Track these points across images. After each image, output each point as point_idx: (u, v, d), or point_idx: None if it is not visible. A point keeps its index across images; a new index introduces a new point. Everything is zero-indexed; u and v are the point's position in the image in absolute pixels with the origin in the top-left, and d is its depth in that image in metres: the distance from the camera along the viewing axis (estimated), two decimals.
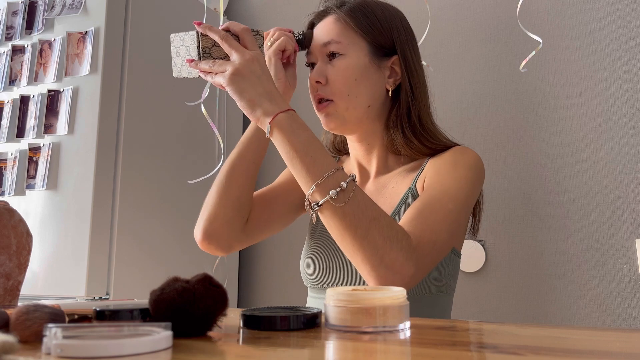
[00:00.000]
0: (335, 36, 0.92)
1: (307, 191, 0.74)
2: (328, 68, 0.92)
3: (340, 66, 0.91)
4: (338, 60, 0.91)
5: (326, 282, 0.94)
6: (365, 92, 0.91)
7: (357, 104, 0.91)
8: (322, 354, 0.42)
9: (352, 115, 0.91)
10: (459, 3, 1.76)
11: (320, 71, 0.92)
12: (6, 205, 0.76)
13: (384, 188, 0.95)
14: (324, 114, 0.92)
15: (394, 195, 0.93)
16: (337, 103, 0.91)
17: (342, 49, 0.91)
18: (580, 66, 1.55)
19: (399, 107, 0.94)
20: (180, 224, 1.75)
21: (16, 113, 1.67)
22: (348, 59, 0.91)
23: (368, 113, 0.93)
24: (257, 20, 2.24)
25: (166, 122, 1.75)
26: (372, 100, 0.93)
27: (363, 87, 0.91)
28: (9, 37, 1.77)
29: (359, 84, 0.91)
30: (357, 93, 0.91)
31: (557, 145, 1.54)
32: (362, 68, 0.91)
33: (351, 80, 0.90)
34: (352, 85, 0.90)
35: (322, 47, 0.93)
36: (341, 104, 0.90)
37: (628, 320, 1.38)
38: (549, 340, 0.44)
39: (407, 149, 0.93)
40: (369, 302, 0.48)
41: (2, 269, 0.71)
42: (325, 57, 0.93)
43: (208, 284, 0.46)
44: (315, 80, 0.91)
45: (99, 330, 0.41)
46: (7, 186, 1.61)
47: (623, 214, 1.43)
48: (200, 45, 0.83)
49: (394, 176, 0.96)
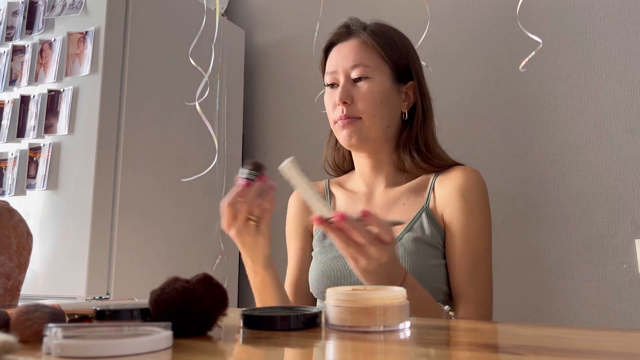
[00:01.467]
0: (363, 60, 0.96)
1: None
2: (354, 89, 0.95)
3: (368, 89, 0.95)
4: (365, 83, 0.95)
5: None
6: (387, 115, 0.97)
7: (380, 125, 0.96)
8: (322, 354, 0.42)
9: (374, 134, 0.96)
10: (459, 3, 1.76)
11: (347, 92, 0.95)
12: (6, 205, 0.76)
13: (394, 203, 0.99)
14: (349, 130, 0.95)
15: (406, 211, 0.97)
16: (364, 121, 0.95)
17: (370, 72, 0.96)
18: (580, 66, 1.55)
19: (410, 130, 1.00)
20: (180, 224, 1.75)
21: (16, 113, 1.67)
22: (375, 82, 0.96)
23: (386, 133, 0.98)
24: (257, 21, 2.24)
25: (166, 122, 1.75)
26: (390, 121, 0.98)
27: (385, 110, 0.96)
28: (9, 37, 1.77)
29: (383, 107, 0.96)
30: (381, 115, 0.96)
31: (557, 145, 1.54)
32: (386, 92, 0.96)
33: (377, 103, 0.95)
34: (377, 107, 0.95)
35: (349, 68, 0.96)
36: (367, 123, 0.95)
37: (628, 320, 1.38)
38: (549, 340, 0.44)
39: (414, 168, 0.99)
40: (369, 302, 0.48)
41: (2, 268, 0.71)
42: (350, 79, 0.96)
43: (208, 284, 0.46)
44: (344, 100, 0.95)
45: (99, 330, 0.41)
46: (8, 186, 1.61)
47: (623, 214, 1.43)
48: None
49: (403, 192, 1.00)
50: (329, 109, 0.99)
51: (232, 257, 1.96)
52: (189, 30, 1.82)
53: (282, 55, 2.14)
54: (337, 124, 0.97)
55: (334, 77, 0.98)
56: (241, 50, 2.13)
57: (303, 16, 2.07)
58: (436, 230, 0.94)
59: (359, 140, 0.95)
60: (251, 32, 2.24)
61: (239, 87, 2.10)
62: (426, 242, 0.93)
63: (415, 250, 0.92)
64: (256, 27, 2.24)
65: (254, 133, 2.15)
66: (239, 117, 2.08)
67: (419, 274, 0.90)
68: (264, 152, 2.12)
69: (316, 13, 1.75)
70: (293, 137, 2.05)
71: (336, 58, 0.99)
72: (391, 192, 1.01)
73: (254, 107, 2.17)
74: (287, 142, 2.06)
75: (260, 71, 2.19)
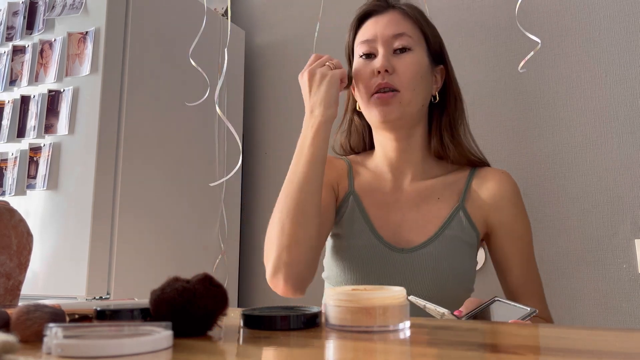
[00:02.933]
0: (407, 30, 0.92)
1: None
2: (395, 59, 0.91)
3: (410, 60, 0.91)
4: (407, 55, 0.91)
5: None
6: (424, 91, 0.93)
7: (418, 100, 0.92)
8: (322, 353, 0.42)
9: (411, 110, 0.91)
10: (459, 3, 1.76)
11: (388, 60, 0.91)
12: (7, 205, 0.76)
13: (427, 197, 0.96)
14: (386, 103, 0.89)
15: (441, 208, 0.94)
16: (403, 94, 0.90)
17: (412, 44, 0.92)
18: (580, 66, 1.55)
19: (447, 112, 0.97)
20: (180, 224, 1.75)
21: (17, 113, 1.67)
22: (416, 55, 0.92)
23: (420, 112, 0.94)
24: (257, 21, 2.24)
25: (166, 122, 1.75)
26: (425, 100, 0.95)
27: (423, 86, 0.93)
28: (9, 38, 1.77)
29: (422, 81, 0.92)
30: (420, 90, 0.92)
31: (557, 145, 1.54)
32: (425, 67, 0.93)
33: (418, 76, 0.91)
34: (418, 81, 0.91)
35: (391, 38, 0.92)
36: (406, 96, 0.90)
37: (628, 320, 1.38)
38: (549, 340, 0.44)
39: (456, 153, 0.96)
40: (369, 301, 0.48)
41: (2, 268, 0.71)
42: (390, 49, 0.92)
43: (208, 284, 0.46)
44: (386, 68, 0.89)
45: (99, 330, 0.41)
46: (8, 186, 1.61)
47: (623, 214, 1.43)
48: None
49: (437, 186, 0.97)
50: (362, 81, 0.92)
51: (232, 257, 1.96)
52: (189, 31, 1.82)
53: (282, 55, 2.14)
54: (373, 98, 0.90)
55: (372, 45, 0.92)
56: (241, 50, 2.13)
57: (303, 16, 2.07)
58: (473, 230, 0.93)
59: (397, 116, 0.89)
60: (251, 32, 2.24)
61: (239, 87, 2.10)
62: (464, 241, 0.92)
63: (454, 249, 0.91)
64: (256, 27, 2.24)
65: (254, 133, 2.15)
66: (239, 117, 2.08)
67: (456, 273, 0.89)
68: (264, 152, 2.12)
69: (316, 13, 1.74)
70: (293, 137, 2.05)
71: (375, 27, 0.93)
72: (422, 185, 0.97)
73: (254, 107, 2.17)
74: (287, 142, 2.06)
75: (260, 71, 2.19)
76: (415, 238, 0.92)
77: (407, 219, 0.94)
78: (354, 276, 0.92)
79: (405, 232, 0.93)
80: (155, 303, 0.45)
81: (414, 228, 0.93)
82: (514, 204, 0.95)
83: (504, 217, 0.95)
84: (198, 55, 1.53)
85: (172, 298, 0.45)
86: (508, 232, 0.95)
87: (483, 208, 0.95)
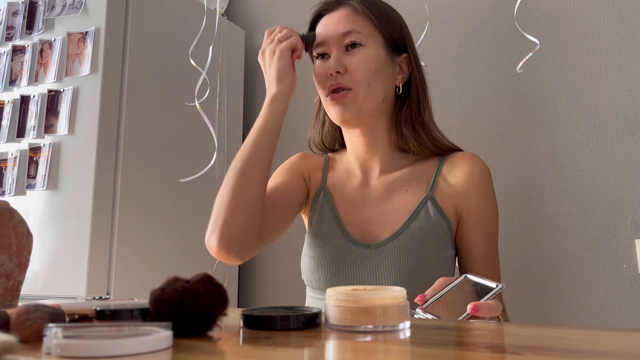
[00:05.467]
0: (356, 26, 0.91)
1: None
2: (347, 58, 0.91)
3: (361, 56, 0.90)
4: (359, 51, 0.91)
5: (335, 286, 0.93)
6: (382, 85, 0.92)
7: (374, 96, 0.91)
8: (322, 353, 0.42)
9: (368, 106, 0.91)
10: (459, 3, 1.76)
11: (339, 60, 0.91)
12: (6, 205, 0.76)
13: (395, 189, 0.95)
14: (340, 103, 0.90)
15: (409, 200, 0.93)
16: (356, 92, 0.90)
17: (363, 39, 0.91)
18: (580, 66, 1.55)
19: (409, 103, 0.95)
20: (180, 224, 1.75)
21: (16, 113, 1.67)
22: (369, 50, 0.91)
23: (381, 107, 0.93)
24: (257, 21, 2.24)
25: (166, 122, 1.75)
26: (386, 94, 0.93)
27: (380, 80, 0.91)
28: (9, 37, 1.77)
29: (377, 76, 0.91)
30: (375, 85, 0.91)
31: (557, 145, 1.54)
32: (380, 61, 0.92)
33: (372, 72, 0.90)
34: (372, 76, 0.90)
35: (340, 36, 0.92)
36: (360, 93, 0.90)
37: (628, 320, 1.38)
38: (549, 340, 0.44)
39: (417, 145, 0.94)
40: (369, 302, 0.48)
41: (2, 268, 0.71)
42: (342, 48, 0.92)
43: (208, 284, 0.46)
44: (336, 69, 0.90)
45: (99, 330, 0.41)
46: (8, 186, 1.61)
47: (623, 214, 1.43)
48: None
49: (404, 178, 0.96)
50: (319, 82, 0.94)
51: None
52: (189, 30, 1.82)
53: None
54: (328, 99, 0.92)
55: (325, 47, 0.93)
56: (241, 50, 2.14)
57: (303, 17, 2.07)
58: (442, 219, 0.92)
59: (354, 114, 0.90)
60: (251, 32, 2.24)
61: (239, 87, 2.10)
62: (433, 233, 0.90)
63: (423, 241, 0.89)
64: (256, 27, 2.24)
65: None
66: (239, 117, 2.08)
67: (424, 266, 0.87)
68: None
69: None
70: (293, 137, 2.05)
71: (326, 27, 0.94)
72: (390, 177, 0.96)
73: (254, 107, 2.17)
74: (287, 141, 2.06)
75: (260, 71, 2.19)
76: (381, 233, 0.92)
77: (374, 214, 0.94)
78: (324, 275, 0.92)
79: (373, 227, 0.93)
80: (155, 303, 0.45)
81: (381, 223, 0.93)
82: (482, 189, 0.94)
83: (472, 203, 0.93)
84: (198, 55, 1.53)
85: (172, 298, 0.45)
86: (476, 218, 0.93)
87: (452, 195, 0.93)
